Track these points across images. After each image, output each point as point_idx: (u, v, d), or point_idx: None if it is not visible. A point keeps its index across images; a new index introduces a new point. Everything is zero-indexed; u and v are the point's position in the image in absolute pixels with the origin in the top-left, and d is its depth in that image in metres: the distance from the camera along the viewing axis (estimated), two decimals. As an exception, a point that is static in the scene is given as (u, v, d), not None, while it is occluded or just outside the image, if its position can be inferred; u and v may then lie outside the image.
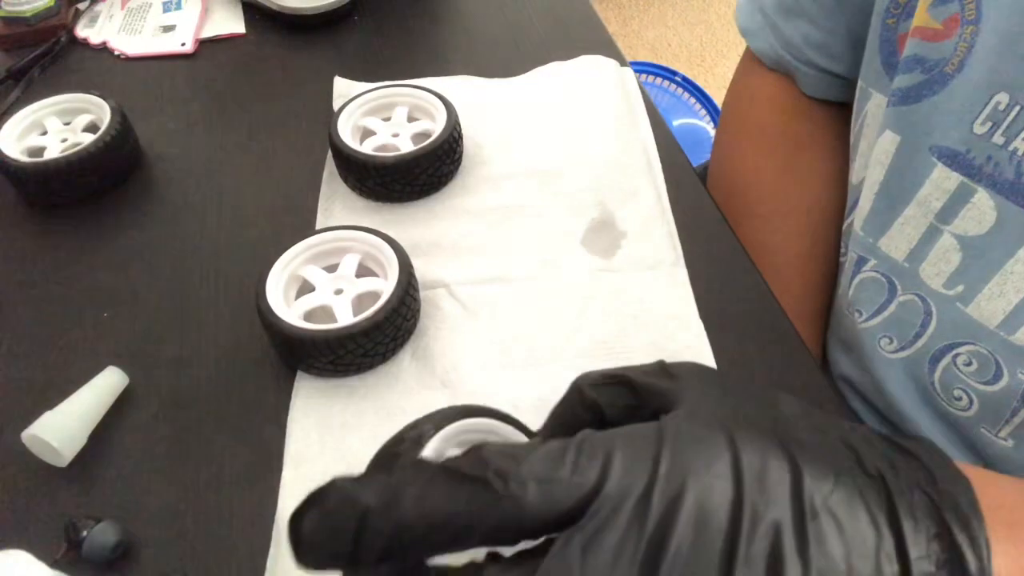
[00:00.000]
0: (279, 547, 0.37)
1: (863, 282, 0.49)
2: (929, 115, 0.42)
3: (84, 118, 0.56)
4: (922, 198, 0.44)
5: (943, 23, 0.41)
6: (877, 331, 0.49)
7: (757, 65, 0.63)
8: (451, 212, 0.52)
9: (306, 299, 0.44)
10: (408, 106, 0.56)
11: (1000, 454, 0.45)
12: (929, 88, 0.42)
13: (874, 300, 0.48)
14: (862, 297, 0.49)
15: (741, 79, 0.66)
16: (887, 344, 0.48)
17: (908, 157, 0.44)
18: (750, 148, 0.63)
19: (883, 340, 0.48)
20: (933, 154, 0.42)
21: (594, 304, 0.46)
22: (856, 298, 0.50)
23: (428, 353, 0.44)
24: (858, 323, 0.50)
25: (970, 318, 0.43)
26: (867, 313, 0.49)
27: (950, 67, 0.41)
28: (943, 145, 0.42)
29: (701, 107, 1.49)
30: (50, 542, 0.37)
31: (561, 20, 0.69)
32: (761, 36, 0.60)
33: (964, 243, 0.42)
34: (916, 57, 0.42)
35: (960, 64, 0.40)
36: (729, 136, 0.66)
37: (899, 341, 0.47)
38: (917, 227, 0.45)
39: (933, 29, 0.41)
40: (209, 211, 0.54)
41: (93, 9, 0.73)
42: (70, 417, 0.41)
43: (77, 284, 0.50)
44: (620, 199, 0.52)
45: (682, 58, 1.92)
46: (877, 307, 0.48)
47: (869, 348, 0.49)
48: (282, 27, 0.70)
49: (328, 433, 0.41)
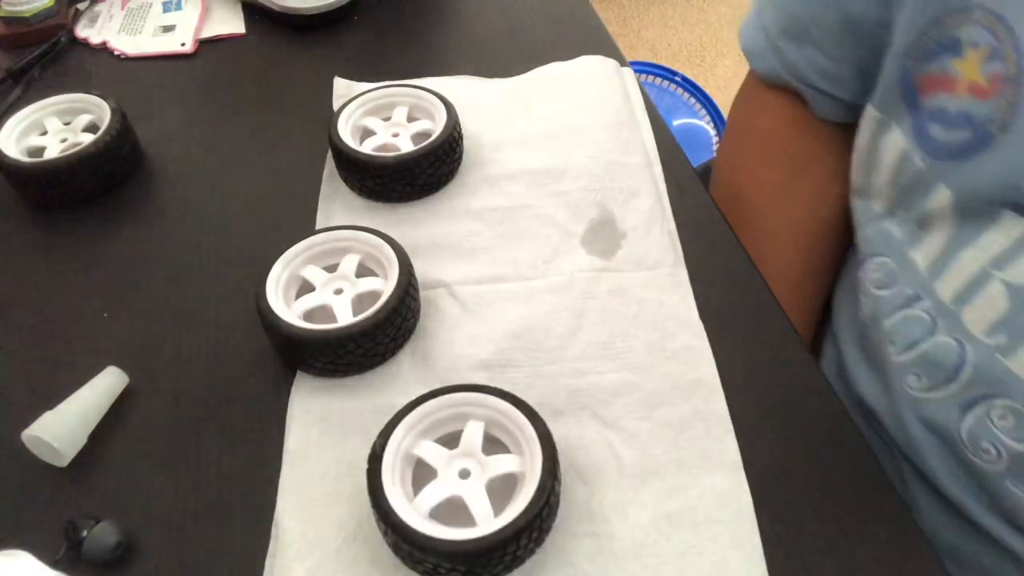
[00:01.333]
0: (279, 546, 0.37)
1: (908, 318, 0.47)
2: (986, 168, 0.41)
3: (84, 118, 0.56)
4: (983, 243, 0.42)
5: (989, 80, 0.40)
6: (907, 366, 0.47)
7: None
8: (451, 212, 0.52)
9: (306, 299, 0.44)
10: (408, 106, 0.56)
11: (1021, 505, 0.43)
12: (982, 144, 0.41)
13: (911, 335, 0.47)
14: (902, 330, 0.47)
15: (752, 87, 0.64)
16: (915, 381, 0.46)
17: (965, 208, 0.43)
18: (756, 160, 0.63)
19: (911, 377, 0.47)
20: (997, 203, 0.41)
21: (594, 304, 0.46)
22: (895, 329, 0.48)
23: (428, 353, 0.44)
24: (891, 355, 0.48)
25: (1009, 370, 0.41)
26: (901, 346, 0.47)
27: (996, 126, 0.39)
28: (1007, 197, 0.40)
29: (701, 107, 1.49)
30: (50, 542, 0.37)
31: (561, 20, 0.69)
32: (764, 58, 0.59)
33: (1013, 291, 0.40)
34: (966, 115, 0.41)
35: (1005, 123, 0.39)
36: (735, 144, 0.66)
37: (928, 380, 0.46)
38: (969, 270, 0.43)
39: (982, 86, 0.40)
40: (209, 211, 0.54)
41: (93, 9, 0.73)
42: (70, 417, 0.41)
43: (77, 284, 0.50)
44: (620, 199, 0.52)
45: (682, 58, 1.92)
46: (911, 342, 0.47)
47: (897, 381, 0.48)
48: (282, 27, 0.70)
49: (328, 433, 0.41)
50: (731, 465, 0.39)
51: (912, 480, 0.49)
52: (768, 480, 0.39)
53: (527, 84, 0.61)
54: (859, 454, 0.40)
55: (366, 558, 0.37)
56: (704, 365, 0.43)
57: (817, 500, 0.38)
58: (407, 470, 0.38)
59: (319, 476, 0.40)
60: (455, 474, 0.37)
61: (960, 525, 0.46)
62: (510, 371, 0.43)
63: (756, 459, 0.39)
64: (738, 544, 0.36)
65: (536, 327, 0.45)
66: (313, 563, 0.37)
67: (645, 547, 0.36)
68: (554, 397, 0.42)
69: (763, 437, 0.40)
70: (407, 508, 0.35)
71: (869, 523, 0.37)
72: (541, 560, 0.36)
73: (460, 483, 0.37)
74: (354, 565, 0.37)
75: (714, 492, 0.38)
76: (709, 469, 0.39)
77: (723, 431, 0.40)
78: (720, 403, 0.41)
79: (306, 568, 0.36)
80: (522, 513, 0.34)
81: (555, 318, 0.46)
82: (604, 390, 0.42)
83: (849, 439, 0.41)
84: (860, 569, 0.36)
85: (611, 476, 0.39)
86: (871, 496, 0.38)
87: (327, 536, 0.37)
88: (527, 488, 0.35)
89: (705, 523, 0.37)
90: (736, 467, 0.39)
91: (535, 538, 0.35)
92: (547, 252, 0.49)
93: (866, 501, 0.38)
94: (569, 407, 0.42)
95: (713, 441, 0.40)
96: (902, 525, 0.37)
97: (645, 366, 0.43)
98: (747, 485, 0.38)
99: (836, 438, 0.41)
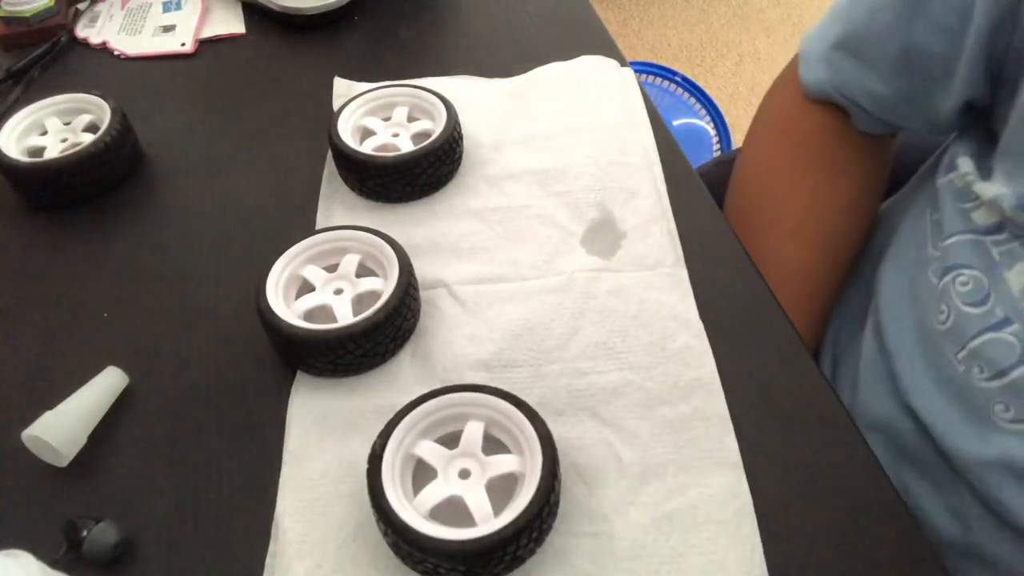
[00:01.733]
0: (279, 546, 0.37)
1: (995, 341, 0.45)
2: None
3: (84, 118, 0.56)
4: None
5: None
6: (995, 395, 0.45)
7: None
8: (451, 212, 0.52)
9: (306, 299, 0.44)
10: (408, 106, 0.56)
11: None
12: None
13: (999, 362, 0.45)
14: (987, 355, 0.46)
15: (794, 87, 0.62)
16: (1003, 411, 0.45)
17: None
18: (787, 159, 0.61)
19: (999, 406, 0.45)
20: None
21: (594, 304, 0.46)
22: (980, 353, 0.46)
23: (428, 353, 0.44)
24: (977, 380, 0.46)
25: None
26: (989, 373, 0.46)
27: None
28: None
29: (701, 107, 1.49)
30: (50, 542, 0.37)
31: (561, 20, 0.69)
32: (815, 69, 0.58)
33: None
34: None
35: None
36: (768, 142, 0.64)
37: (1017, 412, 0.44)
38: None
39: None
40: (209, 211, 0.54)
41: (93, 9, 0.73)
42: (70, 417, 0.41)
43: (77, 284, 0.50)
44: (620, 199, 0.52)
45: (682, 58, 1.92)
46: (1000, 370, 0.45)
47: (983, 409, 0.46)
48: (282, 27, 0.70)
49: (328, 433, 0.41)
50: (731, 465, 0.39)
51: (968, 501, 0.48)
52: (768, 480, 0.39)
53: (527, 84, 0.61)
54: (859, 454, 0.40)
55: (366, 558, 0.37)
56: (704, 365, 0.43)
57: (817, 500, 0.38)
58: (407, 470, 0.38)
59: (319, 476, 0.40)
60: (455, 474, 0.37)
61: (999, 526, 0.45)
62: (510, 371, 0.43)
63: (756, 459, 0.39)
64: (738, 544, 0.36)
65: (536, 327, 0.45)
66: (313, 563, 0.37)
67: (645, 547, 0.36)
68: (554, 397, 0.42)
69: (763, 437, 0.40)
70: (407, 508, 0.35)
71: (869, 523, 0.37)
72: (541, 560, 0.36)
73: (460, 483, 0.37)
74: (354, 565, 0.37)
75: (714, 492, 0.38)
76: (709, 469, 0.39)
77: (723, 431, 0.40)
78: (720, 403, 0.41)
79: (306, 568, 0.36)
80: (522, 513, 0.34)
81: (555, 318, 0.46)
82: (604, 390, 0.42)
83: (849, 439, 0.41)
84: (860, 569, 0.36)
85: (611, 476, 0.39)
86: (871, 496, 0.38)
87: (327, 536, 0.37)
88: (527, 488, 0.35)
89: (705, 523, 0.37)
90: (736, 467, 0.39)
91: (535, 538, 0.35)
92: (547, 252, 0.49)
93: (866, 501, 0.38)
94: (569, 407, 0.42)
95: (713, 441, 0.40)
96: (902, 525, 0.37)
97: (645, 366, 0.43)
98: (747, 485, 0.38)
99: (836, 438, 0.41)
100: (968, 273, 0.47)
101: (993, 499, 0.45)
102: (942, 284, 0.49)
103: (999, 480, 0.45)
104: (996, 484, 0.45)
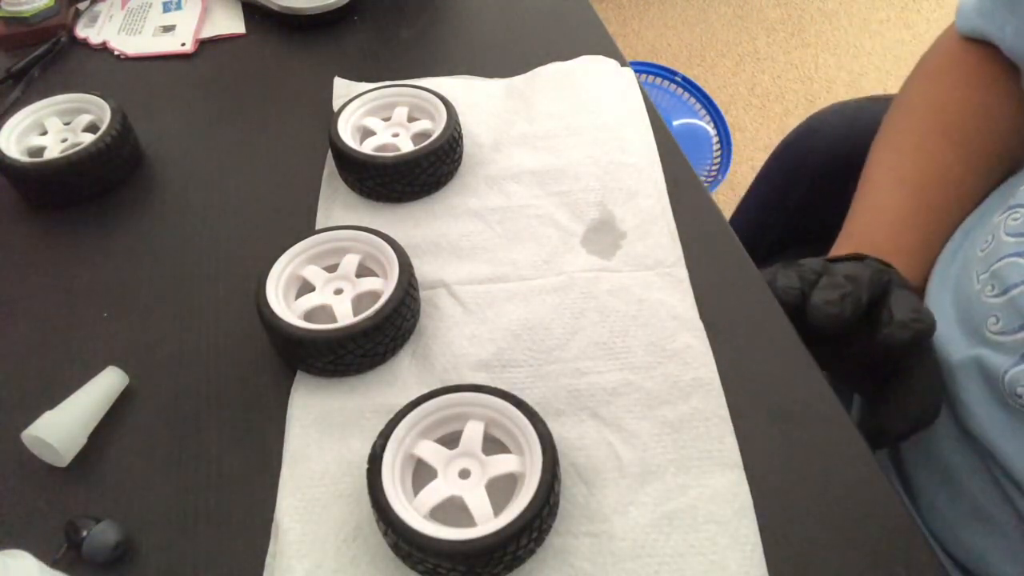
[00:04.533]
0: (279, 546, 0.37)
1: (1012, 264, 0.46)
2: None
3: (84, 118, 0.56)
4: None
5: None
6: (993, 309, 0.46)
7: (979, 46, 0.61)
8: (451, 212, 0.52)
9: (306, 299, 0.44)
10: (408, 106, 0.56)
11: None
12: None
13: (1007, 280, 0.46)
14: (1002, 274, 0.46)
15: (950, 31, 0.63)
16: (993, 323, 0.46)
17: None
18: (951, 80, 0.61)
19: (991, 319, 0.46)
20: None
21: (594, 304, 0.46)
22: (998, 273, 0.47)
23: (428, 353, 0.44)
24: (986, 296, 0.47)
25: None
26: (997, 290, 0.46)
27: None
28: None
29: (701, 107, 1.49)
30: (50, 542, 0.37)
31: (561, 20, 0.69)
32: (970, 17, 0.58)
33: None
34: None
35: None
36: (932, 67, 0.64)
37: (1004, 324, 0.45)
38: None
39: None
40: (209, 211, 0.54)
41: (93, 9, 0.73)
42: (70, 417, 0.41)
43: (77, 284, 0.50)
44: (620, 199, 0.52)
45: (682, 58, 1.92)
46: (1005, 288, 0.46)
47: (977, 321, 0.47)
48: (282, 27, 0.70)
49: (328, 433, 0.41)
50: (731, 465, 0.39)
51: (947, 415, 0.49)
52: (768, 480, 0.39)
53: (527, 84, 0.61)
54: (859, 453, 0.40)
55: (366, 558, 0.37)
56: (704, 365, 0.43)
57: (817, 500, 0.38)
58: (407, 470, 0.38)
59: (319, 476, 0.40)
60: (455, 474, 0.37)
61: (961, 439, 0.48)
62: (510, 371, 0.43)
63: (756, 459, 0.39)
64: (738, 544, 0.36)
65: (536, 327, 0.45)
66: (313, 563, 0.37)
67: (645, 547, 0.36)
68: (554, 397, 0.42)
69: (763, 437, 0.40)
70: (407, 508, 0.35)
71: (869, 523, 0.37)
72: (541, 560, 0.36)
73: (460, 483, 0.37)
74: (354, 565, 0.37)
75: (714, 492, 0.38)
76: (709, 469, 0.39)
77: (723, 431, 0.40)
78: (720, 403, 0.41)
79: (306, 568, 0.36)
80: (522, 513, 0.34)
81: (555, 318, 0.46)
82: (604, 390, 0.42)
83: (849, 439, 0.41)
84: (860, 569, 0.36)
85: (611, 476, 0.39)
86: (871, 496, 0.38)
87: (327, 536, 0.37)
88: (527, 488, 0.35)
89: (705, 523, 0.37)
90: (736, 467, 0.39)
91: (535, 538, 0.35)
92: (547, 252, 0.49)
93: (866, 501, 0.38)
94: (569, 407, 0.42)
95: (713, 441, 0.40)
96: (902, 524, 0.37)
97: (645, 366, 0.43)
98: (747, 485, 0.38)
99: (836, 437, 0.41)
100: (1022, 211, 0.48)
101: (958, 400, 0.47)
102: (998, 219, 0.50)
103: (966, 381, 0.47)
104: (964, 385, 0.47)
